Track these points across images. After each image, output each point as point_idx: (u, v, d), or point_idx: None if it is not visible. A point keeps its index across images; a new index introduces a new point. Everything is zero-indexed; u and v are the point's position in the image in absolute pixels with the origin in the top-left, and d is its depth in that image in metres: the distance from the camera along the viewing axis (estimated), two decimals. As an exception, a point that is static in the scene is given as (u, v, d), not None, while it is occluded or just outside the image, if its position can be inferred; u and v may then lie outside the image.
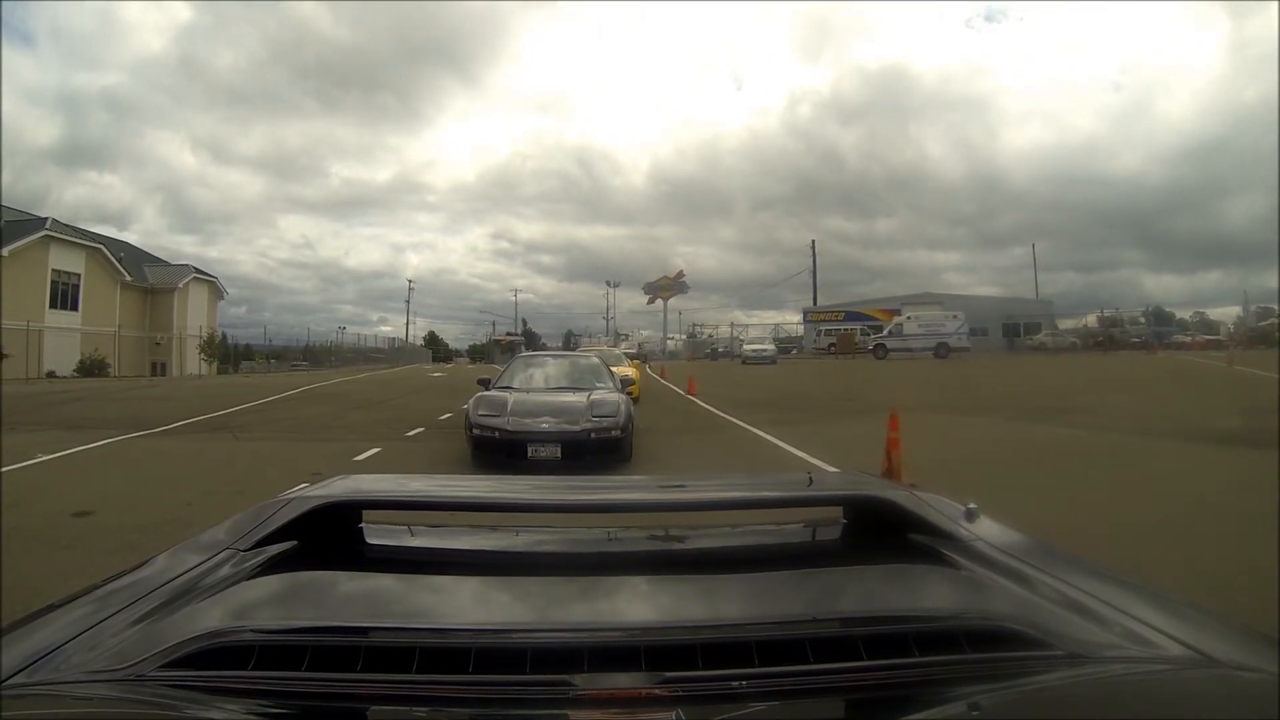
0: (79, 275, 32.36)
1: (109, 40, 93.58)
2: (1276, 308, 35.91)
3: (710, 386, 15.71)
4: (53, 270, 31.04)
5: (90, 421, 10.22)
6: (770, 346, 34.88)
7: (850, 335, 39.49)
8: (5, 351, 26.07)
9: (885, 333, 34.10)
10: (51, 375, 27.21)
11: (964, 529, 0.91)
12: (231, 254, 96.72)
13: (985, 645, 0.63)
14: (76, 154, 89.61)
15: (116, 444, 8.50)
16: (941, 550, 0.87)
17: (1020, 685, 0.60)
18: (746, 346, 35.37)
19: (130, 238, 39.01)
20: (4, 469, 6.40)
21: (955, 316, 33.13)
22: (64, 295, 31.69)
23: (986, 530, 0.91)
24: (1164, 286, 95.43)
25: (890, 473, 5.78)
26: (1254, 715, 0.56)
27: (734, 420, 10.61)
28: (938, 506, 0.98)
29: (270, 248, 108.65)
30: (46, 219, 31.97)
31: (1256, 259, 65.36)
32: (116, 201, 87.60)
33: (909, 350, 31.10)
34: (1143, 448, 7.77)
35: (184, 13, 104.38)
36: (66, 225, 33.30)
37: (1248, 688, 0.60)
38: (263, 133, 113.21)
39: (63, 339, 30.04)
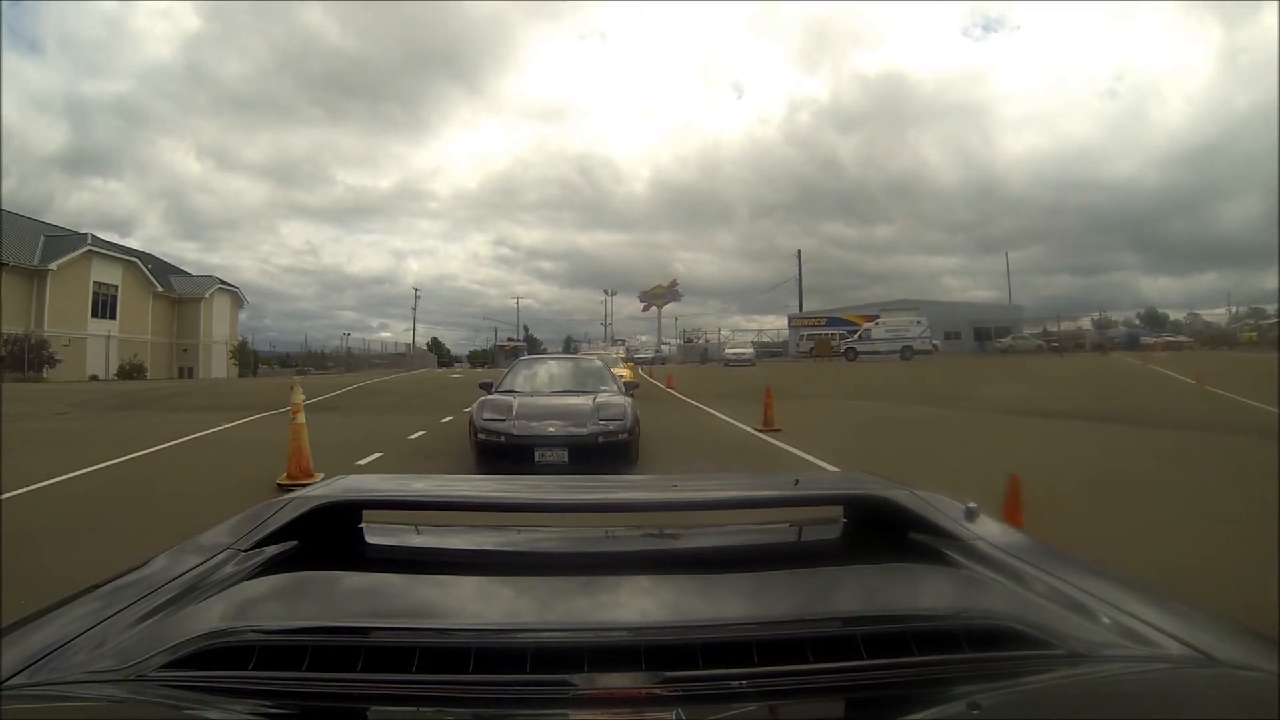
0: (116, 287, 34.93)
1: (117, 47, 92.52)
2: (1272, 309, 36.64)
3: (686, 383, 18.66)
4: (94, 282, 33.58)
5: (222, 406, 13.28)
6: (749, 350, 37.61)
7: (827, 340, 41.87)
8: (57, 357, 29.02)
9: (856, 337, 36.98)
10: (94, 379, 29.46)
11: (964, 528, 0.92)
12: (233, 260, 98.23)
13: (985, 644, 0.63)
14: (82, 160, 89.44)
15: (263, 418, 11.64)
16: (942, 549, 0.88)
17: (1020, 684, 0.60)
18: (728, 350, 38.29)
19: (132, 244, 40.16)
20: (215, 430, 9.58)
21: (919, 322, 35.88)
22: (104, 305, 34.27)
23: (987, 530, 0.92)
24: (1160, 288, 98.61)
25: (767, 420, 9.11)
26: (1254, 715, 0.56)
27: (692, 402, 14.04)
28: (938, 506, 0.98)
29: (272, 254, 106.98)
30: (87, 234, 34.47)
31: (1251, 261, 67.16)
32: (120, 208, 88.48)
33: (877, 353, 33.63)
34: (969, 419, 10.98)
35: (192, 21, 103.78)
36: (105, 240, 35.80)
37: (1248, 687, 0.61)
38: (267, 140, 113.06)
39: (102, 345, 32.53)
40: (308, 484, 5.66)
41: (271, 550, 0.86)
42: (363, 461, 7.25)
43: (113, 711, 0.56)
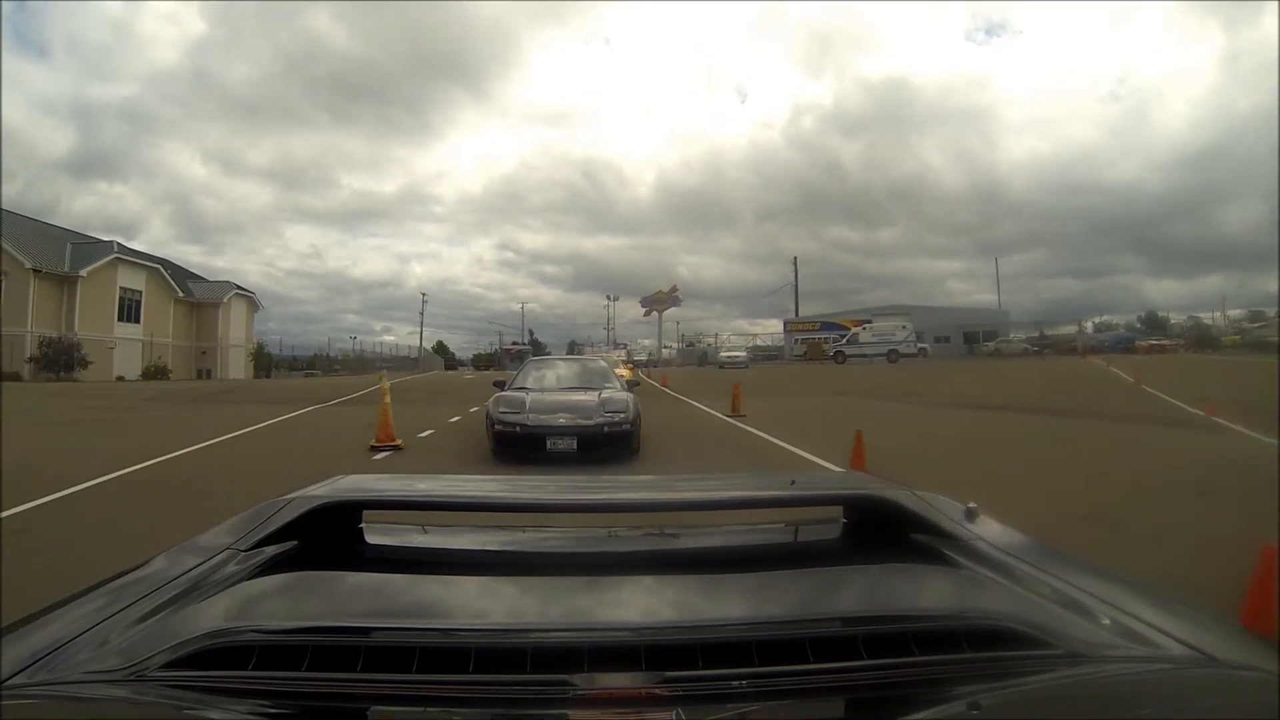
0: (141, 292, 36.46)
1: (123, 51, 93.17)
2: (1272, 311, 36.59)
3: (680, 383, 20.61)
4: (120, 288, 35.16)
5: (271, 402, 14.97)
6: (743, 354, 39.68)
7: (819, 344, 43.00)
8: (89, 359, 30.81)
9: (844, 341, 38.64)
10: (120, 380, 30.90)
11: (964, 528, 0.92)
12: (238, 264, 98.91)
13: (985, 644, 0.64)
14: (88, 164, 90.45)
15: (315, 409, 13.39)
16: (942, 549, 0.88)
17: (1020, 685, 0.60)
18: (723, 354, 40.26)
19: (137, 247, 41.06)
20: (286, 418, 11.37)
21: (904, 327, 37.39)
22: (129, 310, 35.87)
23: (987, 530, 0.92)
24: (1164, 291, 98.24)
25: (735, 408, 11.08)
26: (1254, 715, 0.57)
27: (682, 397, 16.04)
28: (938, 506, 0.99)
29: (277, 257, 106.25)
30: (112, 242, 36.03)
31: (1253, 263, 67.11)
32: (126, 211, 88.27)
33: (865, 356, 35.09)
34: (902, 409, 12.90)
35: (198, 25, 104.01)
36: (129, 247, 37.30)
37: (1248, 688, 0.61)
38: (273, 144, 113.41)
39: (127, 348, 34.32)
40: (394, 445, 7.64)
41: (272, 550, 0.87)
42: (422, 435, 9.19)
43: (113, 711, 0.56)
